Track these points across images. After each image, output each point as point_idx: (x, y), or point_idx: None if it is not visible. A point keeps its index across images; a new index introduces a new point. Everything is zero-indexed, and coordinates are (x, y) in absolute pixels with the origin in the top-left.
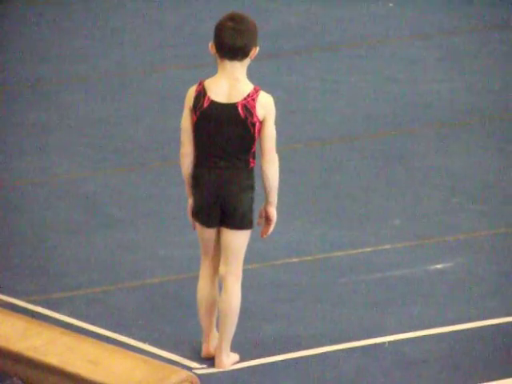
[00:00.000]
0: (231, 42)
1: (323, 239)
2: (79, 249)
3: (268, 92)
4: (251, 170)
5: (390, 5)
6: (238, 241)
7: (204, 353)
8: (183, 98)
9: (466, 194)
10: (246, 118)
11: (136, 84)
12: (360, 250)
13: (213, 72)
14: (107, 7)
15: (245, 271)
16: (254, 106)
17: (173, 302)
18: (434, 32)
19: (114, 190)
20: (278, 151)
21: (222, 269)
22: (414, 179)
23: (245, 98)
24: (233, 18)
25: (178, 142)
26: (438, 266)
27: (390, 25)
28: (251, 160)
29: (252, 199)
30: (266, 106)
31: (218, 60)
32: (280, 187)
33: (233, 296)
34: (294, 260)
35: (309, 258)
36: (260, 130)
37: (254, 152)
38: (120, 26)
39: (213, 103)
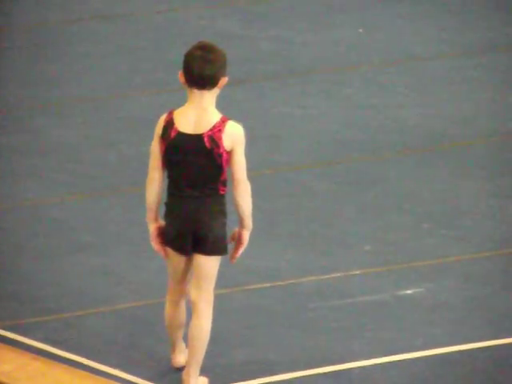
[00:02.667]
0: (200, 71)
1: (294, 264)
2: (50, 274)
3: (237, 120)
4: (222, 197)
5: (360, 31)
6: (210, 266)
7: (173, 362)
8: (154, 123)
9: (436, 219)
10: (212, 148)
11: (107, 109)
12: (330, 276)
13: (183, 98)
14: (78, 33)
15: (215, 296)
16: (221, 137)
17: (144, 327)
18: (405, 58)
19: (84, 214)
20: (249, 177)
21: (193, 294)
22: (385, 205)
23: (211, 129)
24: (202, 47)
25: (147, 167)
26: (408, 292)
27: (360, 51)
28: (221, 187)
29: (224, 225)
30: (233, 137)
31: (188, 89)
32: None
33: (204, 321)
34: (265, 285)
35: (279, 283)
36: (228, 161)
37: (224, 180)
38: (90, 51)
39: (179, 134)
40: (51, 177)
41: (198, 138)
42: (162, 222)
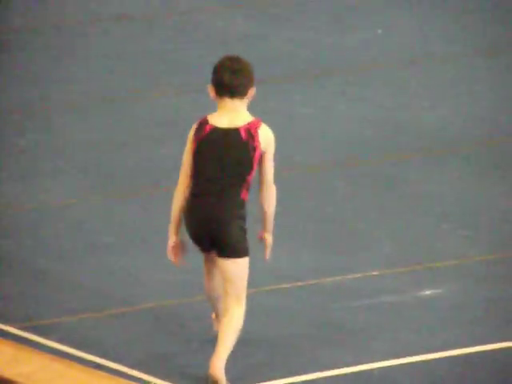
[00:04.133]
0: (230, 80)
1: (313, 265)
2: (69, 275)
3: (264, 121)
4: (243, 202)
5: (379, 31)
6: (233, 269)
7: (214, 326)
8: (173, 123)
9: (455, 220)
10: (248, 141)
11: (126, 110)
12: (350, 276)
13: (202, 100)
14: (98, 34)
15: None
16: (257, 132)
17: (163, 327)
18: (422, 58)
19: (103, 215)
20: None
21: (223, 299)
22: (404, 205)
23: (248, 124)
24: (229, 58)
25: (167, 168)
26: (428, 292)
27: (379, 51)
28: (244, 191)
29: (243, 229)
30: (267, 139)
31: (219, 100)
32: None
33: (233, 319)
34: (284, 286)
35: (298, 283)
36: (258, 160)
37: (249, 183)
38: (110, 52)
39: (214, 129)
40: (71, 177)
41: (234, 130)
42: (182, 238)
